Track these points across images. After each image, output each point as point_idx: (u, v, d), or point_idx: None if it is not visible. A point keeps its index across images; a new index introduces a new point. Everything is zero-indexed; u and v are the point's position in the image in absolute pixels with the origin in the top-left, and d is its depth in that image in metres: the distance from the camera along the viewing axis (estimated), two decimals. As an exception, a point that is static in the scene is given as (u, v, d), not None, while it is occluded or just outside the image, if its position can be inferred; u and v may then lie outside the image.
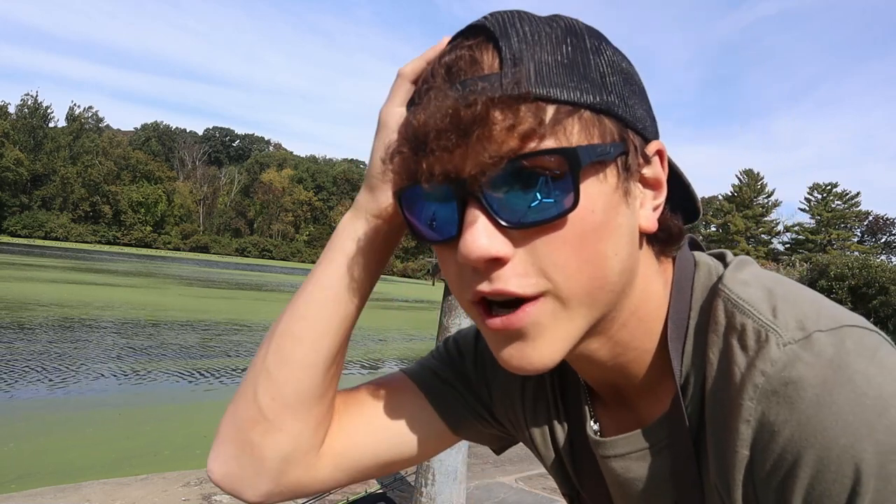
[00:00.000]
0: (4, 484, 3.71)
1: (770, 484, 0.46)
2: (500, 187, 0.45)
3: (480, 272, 0.47)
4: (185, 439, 5.09)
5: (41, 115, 79.43)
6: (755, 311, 0.50)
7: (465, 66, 0.47)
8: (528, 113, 0.44)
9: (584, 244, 0.47)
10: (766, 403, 0.46)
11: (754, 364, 0.47)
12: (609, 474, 0.59)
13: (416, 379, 0.72)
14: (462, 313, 2.94)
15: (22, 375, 6.75)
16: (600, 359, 0.55)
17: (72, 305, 13.06)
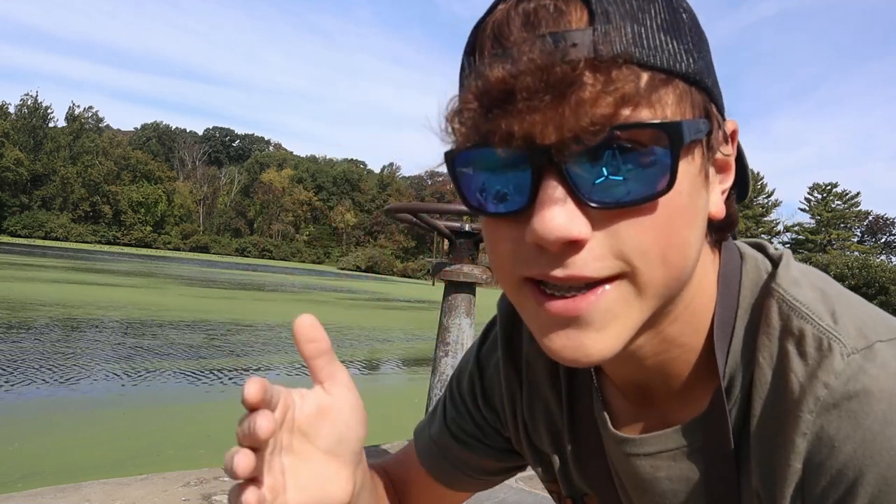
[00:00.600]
0: (9, 483, 3.73)
1: (824, 502, 0.44)
2: (587, 160, 0.40)
3: (549, 254, 0.41)
4: (189, 439, 5.10)
5: (41, 115, 79.42)
6: (814, 316, 0.47)
7: (549, 16, 0.40)
8: (626, 77, 0.39)
9: (671, 229, 0.42)
10: (827, 417, 0.43)
11: (816, 375, 0.44)
12: (632, 473, 0.56)
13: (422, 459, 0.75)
14: (462, 313, 2.94)
15: (26, 375, 6.76)
16: (642, 356, 0.51)
17: (73, 305, 13.07)
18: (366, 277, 54.88)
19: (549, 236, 0.39)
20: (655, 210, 0.41)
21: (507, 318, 0.69)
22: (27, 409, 5.62)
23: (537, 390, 0.65)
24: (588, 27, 0.39)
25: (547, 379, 0.64)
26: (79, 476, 3.68)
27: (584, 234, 0.40)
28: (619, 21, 0.39)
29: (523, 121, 0.39)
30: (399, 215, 3.03)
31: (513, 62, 0.39)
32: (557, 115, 0.38)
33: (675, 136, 0.40)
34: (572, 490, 0.65)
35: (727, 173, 0.49)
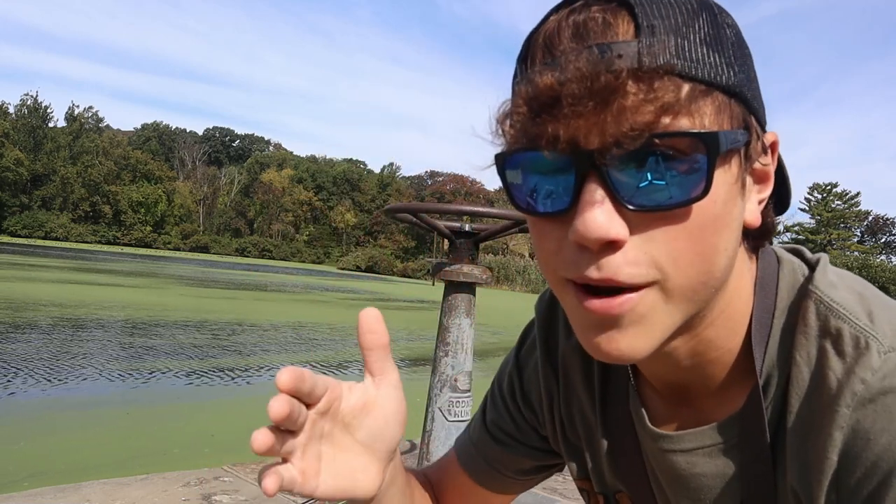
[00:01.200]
0: (17, 482, 3.75)
1: (858, 493, 0.45)
2: (627, 165, 0.42)
3: (588, 254, 0.43)
4: (194, 438, 5.13)
5: (41, 115, 79.39)
6: (851, 316, 0.48)
7: (598, 28, 0.43)
8: (667, 87, 0.41)
9: (702, 236, 0.44)
10: (863, 411, 0.45)
11: (853, 371, 0.46)
12: (669, 469, 0.57)
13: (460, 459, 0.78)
14: (462, 313, 2.94)
15: (30, 375, 6.77)
16: (678, 357, 0.53)
17: (76, 305, 13.06)
18: (366, 277, 54.85)
19: (590, 235, 0.42)
20: (689, 216, 0.43)
21: (544, 320, 0.72)
22: (31, 408, 5.63)
23: (573, 389, 0.68)
24: (634, 39, 0.41)
25: (581, 378, 0.66)
26: (85, 475, 3.71)
27: (621, 236, 0.42)
28: (663, 34, 0.41)
29: (568, 126, 0.41)
30: (399, 215, 3.03)
31: (561, 70, 0.42)
32: (600, 121, 0.41)
33: (711, 145, 0.41)
34: (604, 487, 0.67)
35: (766, 183, 0.51)
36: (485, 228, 3.07)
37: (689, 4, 0.44)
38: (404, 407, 0.52)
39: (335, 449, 0.48)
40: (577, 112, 0.41)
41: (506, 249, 61.50)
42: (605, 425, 0.64)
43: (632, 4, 0.43)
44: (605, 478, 0.66)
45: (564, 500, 3.34)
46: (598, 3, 0.44)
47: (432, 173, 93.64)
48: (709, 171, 0.42)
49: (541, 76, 0.42)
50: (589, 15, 0.43)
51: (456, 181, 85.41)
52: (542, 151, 0.43)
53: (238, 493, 3.09)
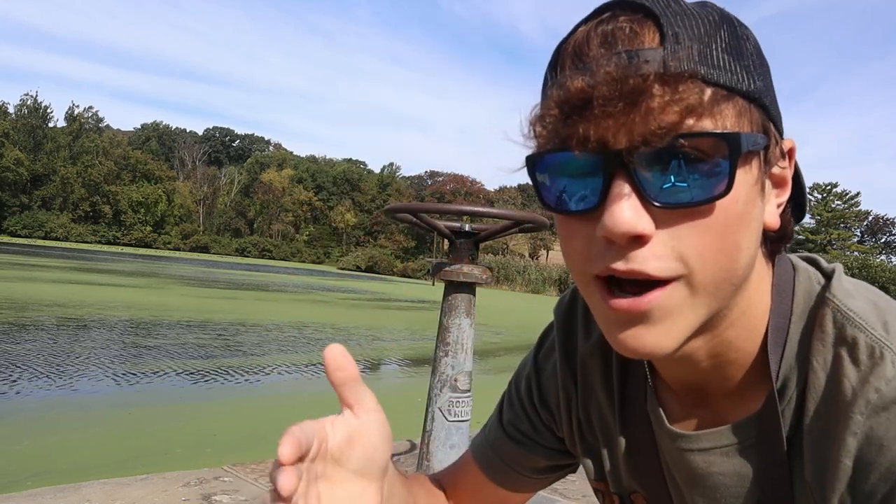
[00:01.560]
0: (20, 482, 3.77)
1: (872, 497, 0.47)
2: (654, 164, 0.44)
3: (616, 249, 0.46)
4: (196, 437, 5.15)
5: (40, 115, 79.32)
6: (867, 326, 0.50)
7: (626, 37, 0.45)
8: (691, 91, 0.43)
9: (725, 233, 0.46)
10: (877, 419, 0.47)
11: (868, 380, 0.48)
12: (686, 469, 0.59)
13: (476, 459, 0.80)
14: (462, 313, 2.94)
15: (33, 375, 6.79)
16: (698, 358, 0.54)
17: (77, 305, 13.07)
18: (366, 277, 54.83)
19: (618, 230, 0.44)
20: (712, 213, 0.45)
21: (563, 324, 0.73)
22: (34, 408, 5.65)
23: (591, 391, 0.69)
24: (659, 47, 0.44)
25: (600, 379, 0.68)
26: (87, 475, 3.73)
27: (647, 231, 0.44)
28: (687, 42, 0.44)
29: (598, 126, 0.44)
30: (399, 215, 3.03)
31: (591, 74, 0.44)
32: (629, 121, 0.43)
33: (733, 145, 0.44)
34: (620, 488, 0.68)
35: (783, 188, 0.53)
36: (485, 228, 3.07)
37: (712, 17, 0.47)
38: (387, 426, 0.52)
39: (331, 484, 0.49)
40: (607, 113, 0.43)
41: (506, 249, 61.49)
42: (622, 425, 0.66)
43: (657, 15, 0.45)
44: (622, 478, 0.67)
45: (564, 500, 3.34)
46: (626, 14, 0.47)
47: (432, 173, 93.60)
48: (731, 170, 0.44)
49: (572, 80, 0.45)
50: (617, 25, 0.46)
51: (456, 181, 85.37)
52: (573, 151, 0.45)
53: (238, 493, 3.09)
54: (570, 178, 0.48)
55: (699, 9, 0.47)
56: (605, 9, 0.49)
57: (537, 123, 0.48)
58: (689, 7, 0.47)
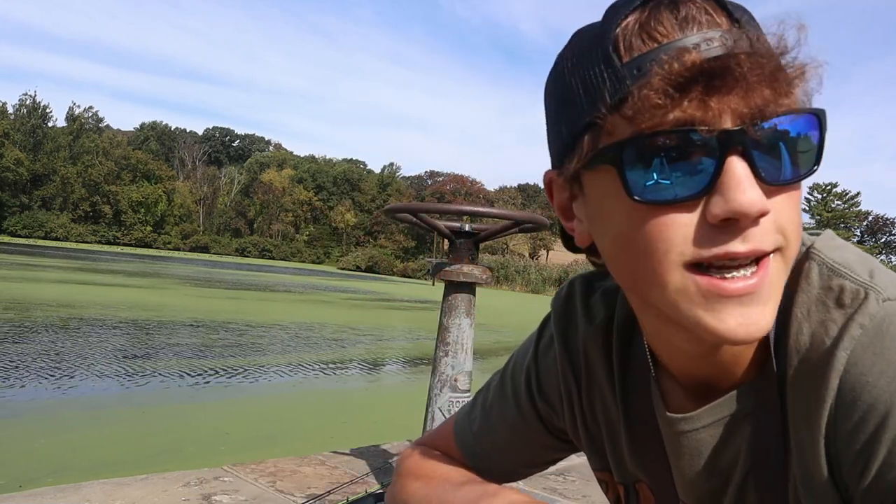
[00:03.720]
0: (41, 478, 3.86)
1: (856, 434, 0.46)
2: (766, 143, 0.44)
3: (730, 231, 0.44)
4: (209, 436, 5.23)
5: (40, 114, 79.29)
6: (852, 273, 0.50)
7: (702, 18, 0.45)
8: (785, 72, 0.44)
9: (799, 207, 0.48)
10: (861, 354, 0.46)
11: (853, 318, 0.48)
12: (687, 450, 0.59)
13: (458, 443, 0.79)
14: (462, 313, 2.94)
15: (41, 375, 6.86)
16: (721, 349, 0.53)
17: (83, 305, 13.14)
18: (366, 277, 54.83)
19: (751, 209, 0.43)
20: (798, 188, 0.47)
21: (561, 315, 0.73)
22: (47, 408, 5.73)
23: (594, 379, 0.69)
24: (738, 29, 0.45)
25: (602, 367, 0.67)
26: (108, 472, 3.83)
27: (769, 208, 0.44)
28: (753, 28, 0.46)
29: (716, 103, 0.43)
30: (399, 215, 3.03)
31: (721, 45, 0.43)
32: (742, 100, 0.43)
33: (823, 121, 0.46)
34: (625, 477, 0.68)
35: None
36: (485, 228, 3.07)
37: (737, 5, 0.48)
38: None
39: None
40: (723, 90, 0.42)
41: (506, 249, 61.50)
42: (626, 414, 0.66)
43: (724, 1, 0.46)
44: (626, 467, 0.67)
45: (564, 500, 3.34)
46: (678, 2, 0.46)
47: (432, 173, 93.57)
48: (821, 144, 0.46)
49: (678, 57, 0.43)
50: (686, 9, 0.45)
51: (456, 181, 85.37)
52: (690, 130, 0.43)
53: (238, 493, 3.09)
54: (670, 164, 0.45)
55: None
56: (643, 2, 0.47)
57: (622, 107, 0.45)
58: None
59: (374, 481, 3.43)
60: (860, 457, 0.46)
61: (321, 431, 5.64)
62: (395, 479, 0.78)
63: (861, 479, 0.46)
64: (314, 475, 3.45)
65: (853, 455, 0.46)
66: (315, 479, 3.38)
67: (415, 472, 0.75)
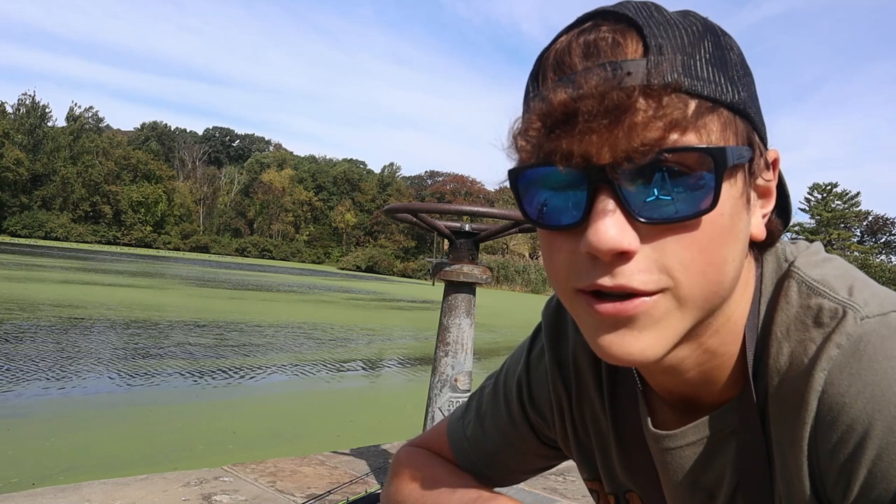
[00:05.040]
0: (54, 475, 3.91)
1: (836, 454, 0.46)
2: (638, 179, 0.43)
3: (600, 265, 0.45)
4: (217, 434, 5.29)
5: (39, 114, 79.23)
6: (831, 292, 0.50)
7: (608, 48, 0.44)
8: (675, 104, 0.42)
9: (711, 247, 0.45)
10: (839, 375, 0.46)
11: (830, 338, 0.47)
12: (671, 466, 0.58)
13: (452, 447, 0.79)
14: (462, 313, 2.94)
15: (50, 374, 6.90)
16: (685, 368, 0.54)
17: (87, 306, 13.16)
18: (366, 277, 54.85)
19: (603, 247, 0.43)
20: (698, 228, 0.44)
21: (552, 325, 0.72)
22: (57, 407, 5.77)
23: (585, 393, 0.68)
24: (643, 58, 0.43)
25: (593, 382, 0.67)
26: (119, 470, 3.87)
27: (633, 246, 0.43)
28: (671, 54, 0.43)
29: (582, 141, 0.43)
30: (399, 215, 3.03)
31: (574, 87, 0.43)
32: (612, 136, 0.42)
33: (719, 160, 0.43)
34: (615, 487, 0.68)
35: (768, 198, 0.53)
36: (485, 228, 3.07)
37: (695, 27, 0.46)
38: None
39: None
40: (591, 128, 0.42)
41: (506, 249, 61.47)
42: (614, 425, 0.66)
43: (640, 25, 0.44)
44: (617, 478, 0.68)
45: (564, 500, 3.34)
46: (608, 24, 0.45)
47: (432, 173, 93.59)
48: (716, 184, 0.43)
49: (554, 93, 0.44)
50: (599, 35, 0.45)
51: (456, 181, 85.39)
52: (556, 166, 0.44)
53: (238, 493, 3.09)
54: (553, 192, 0.46)
55: (682, 18, 0.46)
56: (587, 18, 0.48)
57: (520, 137, 0.47)
58: (672, 17, 0.46)
59: (374, 481, 3.43)
60: (842, 476, 0.46)
61: (321, 431, 5.64)
62: (389, 479, 0.78)
63: (844, 498, 0.46)
64: (314, 475, 3.45)
65: (835, 474, 0.46)
66: (315, 479, 3.38)
67: (410, 473, 0.75)
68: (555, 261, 0.49)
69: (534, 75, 0.49)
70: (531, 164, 0.46)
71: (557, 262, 0.48)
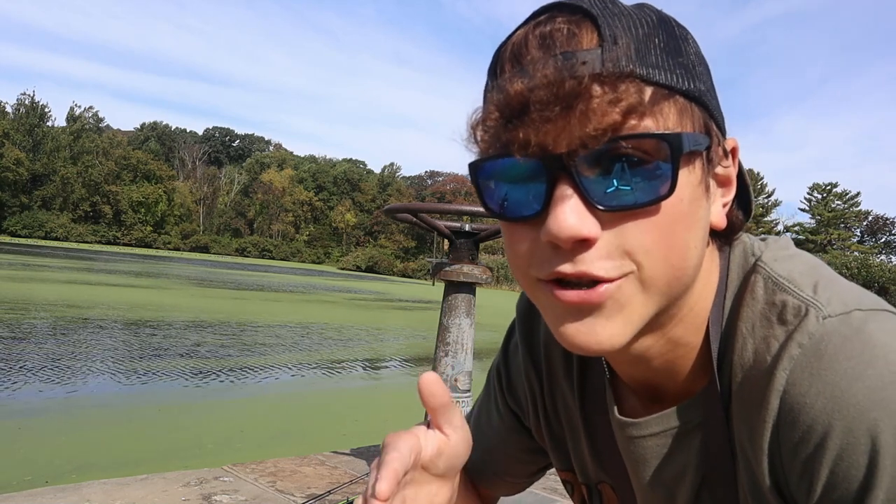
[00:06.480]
0: (66, 474, 3.94)
1: (798, 454, 0.46)
2: (595, 166, 0.44)
3: (561, 252, 0.45)
4: (226, 433, 5.33)
5: (38, 114, 79.22)
6: (795, 288, 0.50)
7: (563, 38, 0.44)
8: (629, 91, 0.43)
9: (672, 231, 0.46)
10: (800, 374, 0.46)
11: (792, 337, 0.47)
12: (635, 456, 0.59)
13: None
14: (462, 313, 2.94)
15: (57, 374, 6.93)
16: (650, 357, 0.54)
17: (91, 306, 13.20)
18: (366, 277, 54.88)
19: (562, 234, 0.43)
20: (658, 213, 0.45)
21: (525, 316, 0.73)
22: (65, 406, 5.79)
23: (556, 382, 0.69)
24: (597, 48, 0.44)
25: (563, 371, 0.68)
26: (131, 469, 3.89)
27: (593, 233, 0.44)
28: (625, 42, 0.44)
29: (538, 130, 0.43)
30: (399, 215, 3.03)
31: (529, 77, 0.43)
32: (567, 124, 0.42)
33: (675, 145, 0.43)
34: (588, 478, 0.69)
35: (728, 187, 0.53)
36: (485, 228, 3.07)
37: (650, 18, 0.46)
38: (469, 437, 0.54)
39: (416, 487, 0.51)
40: (545, 117, 0.42)
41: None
42: (585, 416, 0.66)
43: (595, 16, 0.45)
44: (588, 469, 0.68)
45: (564, 500, 3.34)
46: (563, 15, 0.46)
47: (432, 173, 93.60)
48: (673, 170, 0.44)
49: (510, 84, 0.44)
50: (554, 26, 0.45)
51: (456, 181, 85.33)
52: (515, 157, 0.45)
53: (238, 493, 3.09)
54: (512, 183, 0.47)
55: (637, 10, 0.47)
56: (542, 11, 0.48)
57: (478, 128, 0.47)
58: (627, 9, 0.46)
59: (374, 481, 3.42)
60: (804, 476, 0.46)
61: (322, 431, 5.65)
62: None
63: (808, 498, 0.46)
64: (314, 475, 3.45)
65: (797, 474, 0.46)
66: (315, 479, 3.38)
67: None
68: (516, 251, 0.49)
69: (492, 68, 0.49)
70: (490, 157, 0.47)
71: (519, 252, 0.49)
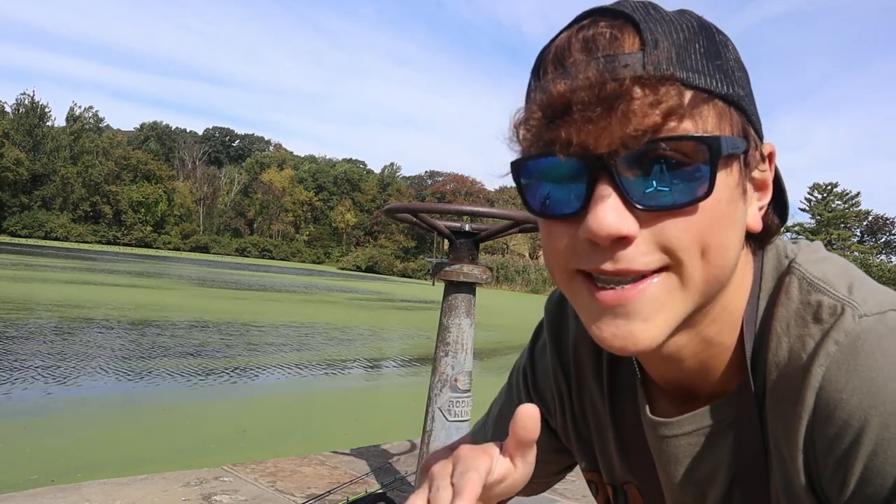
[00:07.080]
0: (70, 473, 3.94)
1: (832, 450, 0.47)
2: (635, 167, 0.45)
3: (601, 250, 0.46)
4: (230, 433, 5.35)
5: (38, 113, 79.15)
6: (831, 289, 0.51)
7: (606, 42, 0.46)
8: (670, 93, 0.44)
9: (711, 230, 0.46)
10: (837, 371, 0.47)
11: (828, 334, 0.48)
12: (667, 456, 0.59)
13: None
14: (462, 313, 2.94)
15: (60, 373, 6.95)
16: (683, 357, 0.55)
17: (95, 306, 13.20)
18: (367, 277, 54.86)
19: (602, 232, 0.44)
20: (696, 213, 0.46)
21: (554, 318, 0.74)
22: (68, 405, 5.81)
23: (585, 383, 0.70)
24: (639, 52, 0.45)
25: (592, 372, 0.69)
26: (135, 469, 3.89)
27: (632, 231, 0.45)
28: (666, 47, 0.45)
29: (580, 131, 0.45)
30: (399, 215, 3.03)
31: (571, 79, 0.45)
32: (608, 125, 0.44)
33: (713, 148, 0.45)
34: (613, 478, 0.69)
35: (764, 191, 0.54)
36: (485, 228, 3.07)
37: (690, 24, 0.48)
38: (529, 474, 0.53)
39: None
40: (587, 118, 0.44)
41: (506, 249, 61.48)
42: (614, 417, 0.67)
43: (637, 21, 0.46)
44: (615, 469, 0.68)
45: (564, 500, 3.34)
46: (606, 20, 0.47)
47: (432, 173, 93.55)
48: (712, 172, 0.45)
49: (553, 85, 0.46)
50: (597, 30, 0.47)
51: (456, 181, 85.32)
52: (556, 156, 0.46)
53: (238, 493, 3.09)
54: (554, 182, 0.48)
55: (678, 16, 0.48)
56: (585, 15, 0.49)
57: (521, 127, 0.49)
58: (668, 14, 0.48)
59: (374, 481, 3.43)
60: (838, 472, 0.46)
61: (322, 431, 5.65)
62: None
63: (840, 494, 0.47)
64: (314, 475, 3.45)
65: (831, 470, 0.47)
66: (315, 479, 3.38)
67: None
68: (555, 248, 0.50)
69: (535, 70, 0.51)
70: (533, 156, 0.48)
71: (558, 248, 0.50)
